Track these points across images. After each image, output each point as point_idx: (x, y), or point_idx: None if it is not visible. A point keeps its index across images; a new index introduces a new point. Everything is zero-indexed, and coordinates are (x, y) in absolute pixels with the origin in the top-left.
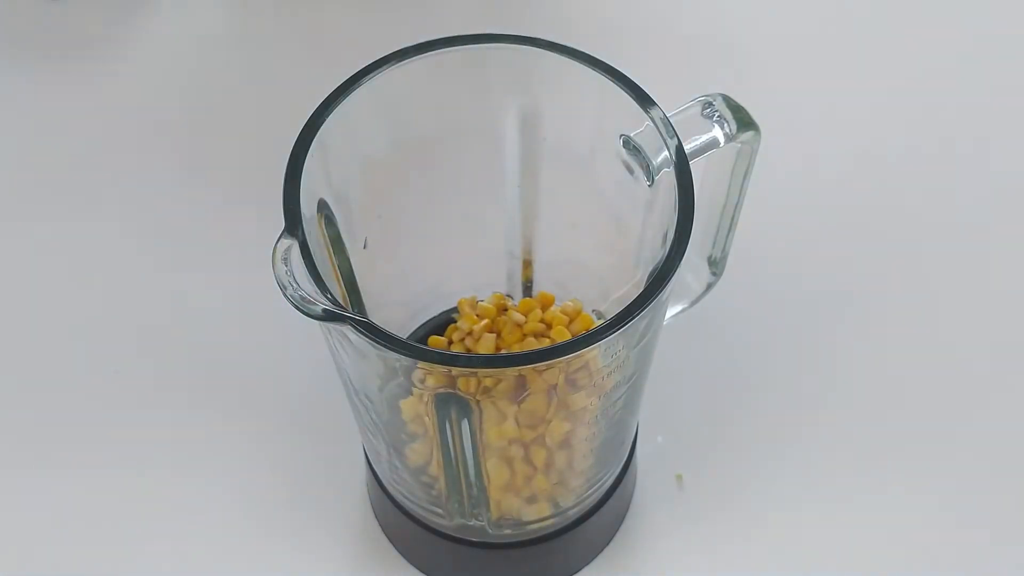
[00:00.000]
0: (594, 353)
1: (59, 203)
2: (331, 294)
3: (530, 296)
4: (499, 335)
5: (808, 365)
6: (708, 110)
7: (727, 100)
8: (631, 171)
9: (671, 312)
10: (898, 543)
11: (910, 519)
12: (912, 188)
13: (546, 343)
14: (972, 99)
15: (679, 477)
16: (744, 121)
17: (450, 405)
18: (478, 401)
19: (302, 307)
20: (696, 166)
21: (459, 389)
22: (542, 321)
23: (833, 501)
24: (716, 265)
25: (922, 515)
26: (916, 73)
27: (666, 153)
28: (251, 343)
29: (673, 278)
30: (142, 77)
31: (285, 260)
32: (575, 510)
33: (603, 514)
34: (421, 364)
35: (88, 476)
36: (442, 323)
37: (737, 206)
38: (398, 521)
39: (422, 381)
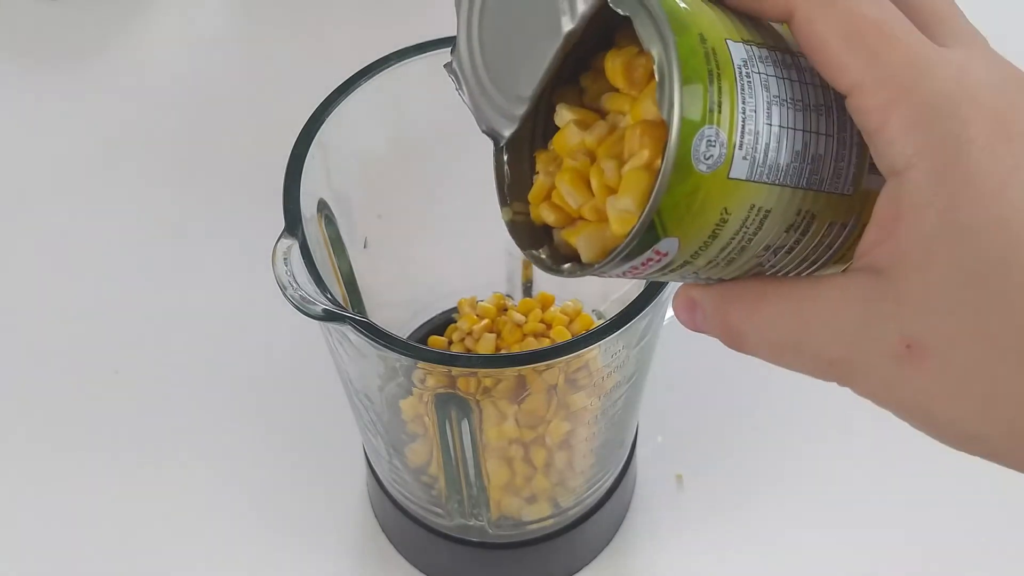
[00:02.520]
0: (594, 353)
1: (59, 203)
2: (331, 294)
3: (530, 296)
4: (499, 335)
5: None
6: None
7: None
8: None
9: (671, 312)
10: (898, 544)
11: (911, 520)
12: None
13: (546, 343)
14: None
15: (679, 477)
16: None
17: (450, 405)
18: (478, 401)
19: (302, 307)
20: None
21: (459, 389)
22: (542, 321)
23: (833, 501)
24: None
25: (923, 516)
26: None
27: None
28: (251, 343)
29: None
30: (142, 77)
31: (285, 260)
32: (575, 510)
33: (603, 514)
34: (421, 364)
35: (88, 476)
36: (442, 323)
37: None
38: (398, 521)
39: (422, 381)
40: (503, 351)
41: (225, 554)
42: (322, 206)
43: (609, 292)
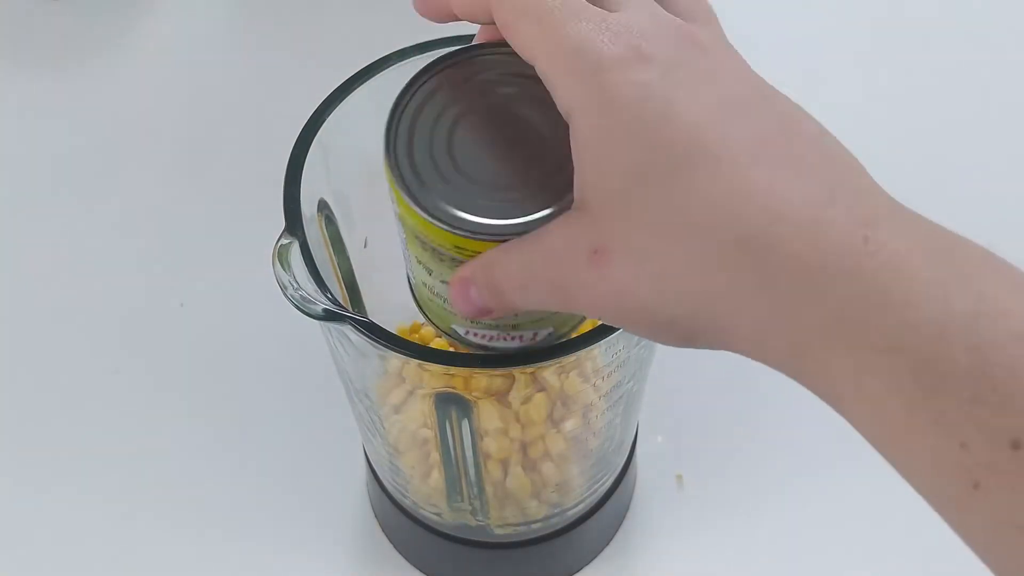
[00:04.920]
0: (594, 353)
1: (59, 202)
2: (331, 294)
3: None
4: None
5: None
6: None
7: None
8: None
9: None
10: (899, 543)
11: (909, 519)
12: (917, 186)
13: None
14: (979, 99)
15: (679, 477)
16: None
17: (450, 405)
18: (478, 401)
19: (302, 307)
20: None
21: (458, 389)
22: None
23: (833, 501)
24: None
25: (925, 516)
26: (920, 73)
27: None
28: (251, 343)
29: None
30: (142, 77)
31: (285, 260)
32: (575, 510)
33: (603, 514)
34: (421, 364)
35: (88, 475)
36: None
37: None
38: (398, 521)
39: (418, 380)
40: None
41: (225, 554)
42: (322, 206)
43: None
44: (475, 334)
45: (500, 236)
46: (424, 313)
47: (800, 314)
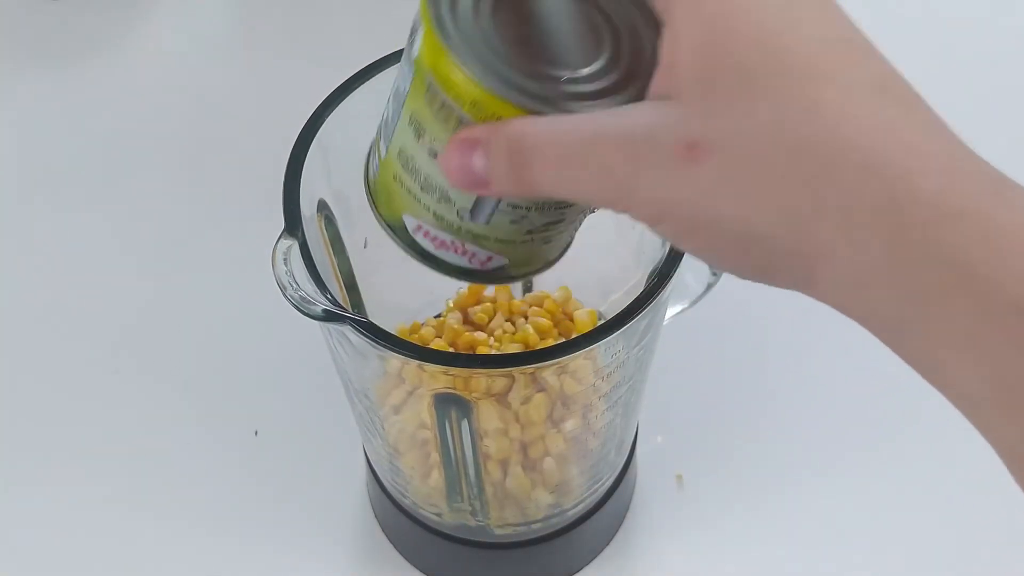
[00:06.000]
0: (594, 353)
1: (59, 202)
2: (331, 294)
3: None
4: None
5: (808, 365)
6: None
7: None
8: None
9: (671, 312)
10: (896, 542)
11: (909, 519)
12: None
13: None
14: (980, 100)
15: (679, 477)
16: None
17: (450, 405)
18: (478, 401)
19: (302, 307)
20: None
21: (458, 389)
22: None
23: (833, 500)
24: None
25: (922, 515)
26: (925, 73)
27: None
28: (251, 344)
29: (673, 278)
30: (142, 77)
31: (285, 260)
32: (575, 510)
33: (603, 514)
34: (421, 364)
35: (87, 475)
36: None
37: None
38: (398, 521)
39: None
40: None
41: (225, 554)
42: (322, 206)
43: (609, 292)
44: (426, 233)
45: (541, 107)
46: (371, 198)
47: (927, 257)
